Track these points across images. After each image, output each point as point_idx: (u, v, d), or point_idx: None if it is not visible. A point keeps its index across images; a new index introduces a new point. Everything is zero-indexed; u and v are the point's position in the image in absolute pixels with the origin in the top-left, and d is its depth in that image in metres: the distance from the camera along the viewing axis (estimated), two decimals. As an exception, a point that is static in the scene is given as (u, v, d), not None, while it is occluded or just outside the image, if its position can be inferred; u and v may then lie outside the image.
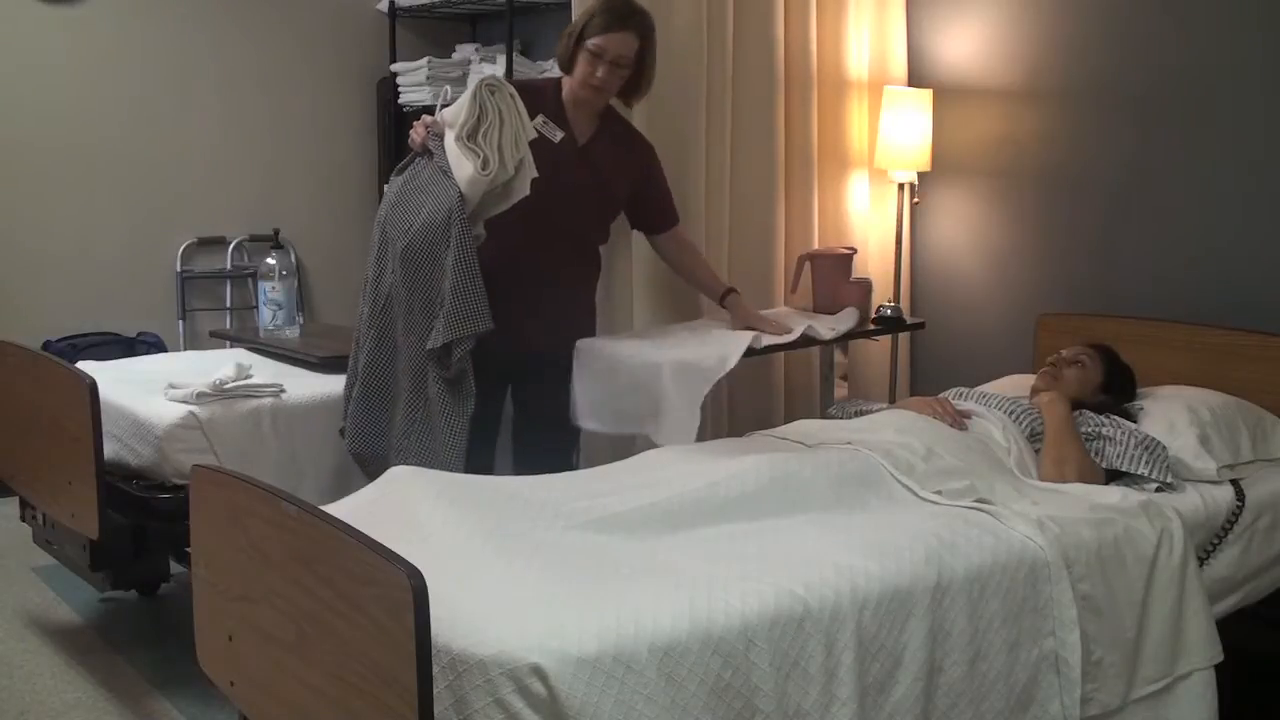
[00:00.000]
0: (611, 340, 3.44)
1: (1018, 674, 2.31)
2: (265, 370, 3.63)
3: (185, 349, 5.18)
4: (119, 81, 5.09)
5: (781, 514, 2.46)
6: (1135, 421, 3.08)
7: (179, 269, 5.30)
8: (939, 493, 2.59)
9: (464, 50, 5.32)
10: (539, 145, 3.12)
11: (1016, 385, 3.35)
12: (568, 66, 3.25)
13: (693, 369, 3.16)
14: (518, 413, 3.46)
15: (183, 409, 3.29)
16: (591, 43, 3.17)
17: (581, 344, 3.38)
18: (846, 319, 3.65)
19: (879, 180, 4.25)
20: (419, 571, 1.76)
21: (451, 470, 2.88)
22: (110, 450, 3.26)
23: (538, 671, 1.83)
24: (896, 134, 4.00)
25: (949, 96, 4.11)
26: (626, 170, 3.39)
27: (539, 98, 3.27)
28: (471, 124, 3.00)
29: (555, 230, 3.28)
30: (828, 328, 3.57)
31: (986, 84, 4.07)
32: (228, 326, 5.37)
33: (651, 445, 3.10)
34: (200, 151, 5.28)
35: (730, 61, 3.84)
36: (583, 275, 3.46)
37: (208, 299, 5.42)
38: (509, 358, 3.27)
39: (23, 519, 3.72)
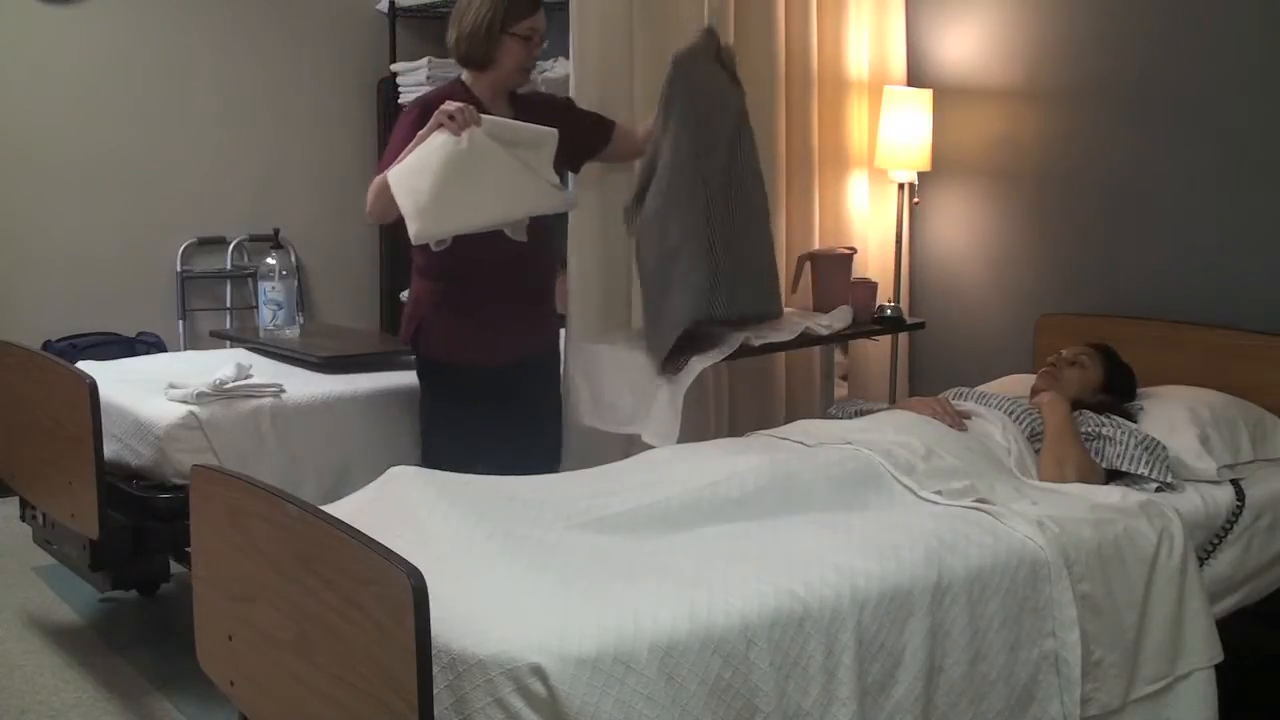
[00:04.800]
0: (611, 341, 3.45)
1: (1018, 674, 2.31)
2: (265, 370, 3.63)
3: (185, 349, 5.18)
4: (119, 81, 5.09)
5: (781, 514, 2.46)
6: (1135, 421, 3.08)
7: (179, 269, 5.30)
8: (939, 493, 2.59)
9: (464, 50, 5.31)
10: None
11: (1016, 385, 3.36)
12: (488, 61, 3.20)
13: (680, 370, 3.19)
14: (506, 420, 3.33)
15: (183, 409, 3.29)
16: (522, 27, 3.17)
17: (581, 345, 3.39)
18: (841, 316, 3.67)
19: (879, 180, 4.25)
20: (419, 571, 1.76)
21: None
22: (110, 450, 3.26)
23: (538, 671, 1.83)
24: (896, 134, 4.00)
25: (949, 96, 4.11)
26: (567, 129, 3.27)
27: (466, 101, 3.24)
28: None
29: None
30: (822, 324, 3.59)
31: (986, 84, 4.07)
32: (228, 326, 5.37)
33: (647, 445, 3.12)
34: (200, 151, 5.28)
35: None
36: (547, 266, 3.39)
37: (208, 299, 5.42)
38: (495, 373, 3.26)
39: (23, 519, 3.73)
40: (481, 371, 3.24)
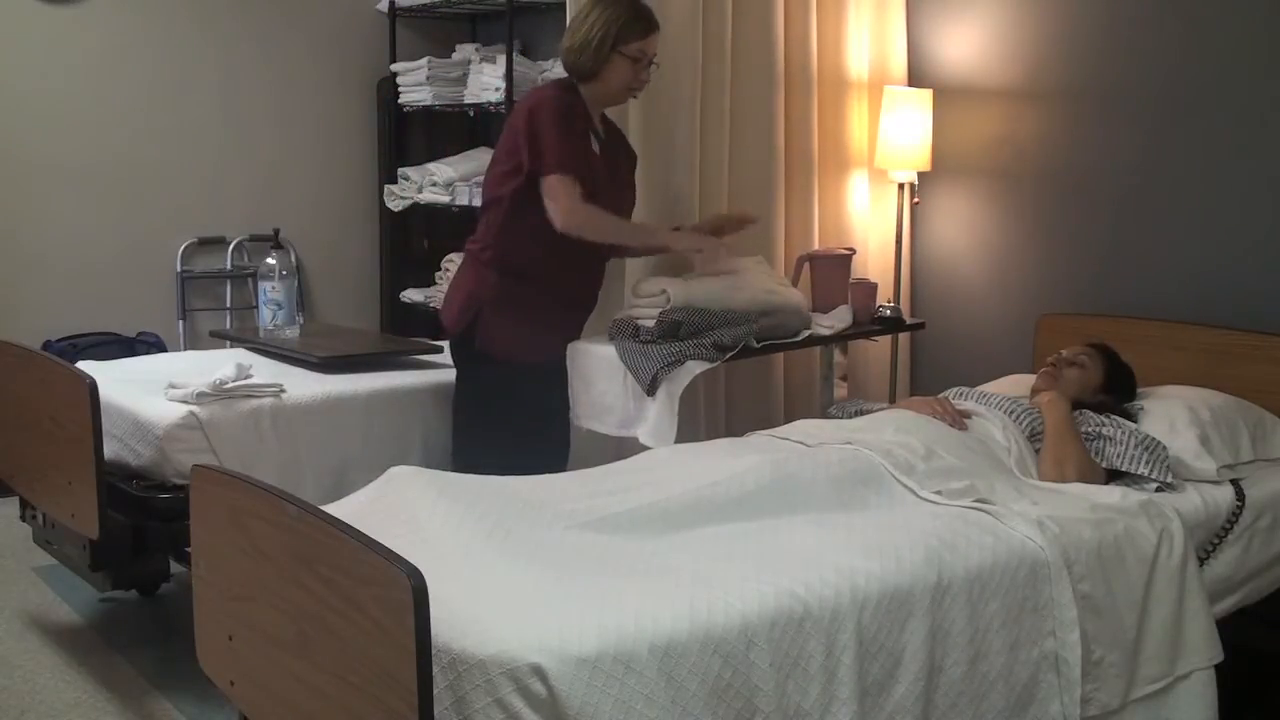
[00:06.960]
0: (608, 343, 3.45)
1: (1018, 674, 2.31)
2: (265, 370, 3.62)
3: (185, 349, 5.17)
4: (119, 81, 5.09)
5: (782, 514, 2.45)
6: (1135, 421, 3.08)
7: (179, 269, 5.29)
8: (939, 493, 2.59)
9: (464, 50, 5.32)
10: (592, 156, 3.27)
11: (1016, 385, 3.35)
12: (593, 75, 3.26)
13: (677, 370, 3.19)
14: (521, 408, 3.45)
15: (183, 409, 3.28)
16: (634, 47, 3.22)
17: (578, 346, 3.39)
18: (841, 316, 3.67)
19: (879, 180, 4.25)
20: (419, 571, 1.76)
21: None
22: (110, 450, 3.26)
23: (538, 671, 1.83)
24: (896, 134, 4.00)
25: (949, 96, 4.11)
26: (629, 162, 3.48)
27: (582, 108, 3.30)
28: None
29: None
30: (822, 325, 3.59)
31: (986, 84, 4.07)
32: (228, 326, 5.36)
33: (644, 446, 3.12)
34: (200, 151, 5.28)
35: (729, 61, 3.83)
36: (601, 269, 3.52)
37: (208, 299, 5.42)
38: (541, 369, 3.37)
39: (23, 519, 3.72)
40: (531, 367, 3.32)
